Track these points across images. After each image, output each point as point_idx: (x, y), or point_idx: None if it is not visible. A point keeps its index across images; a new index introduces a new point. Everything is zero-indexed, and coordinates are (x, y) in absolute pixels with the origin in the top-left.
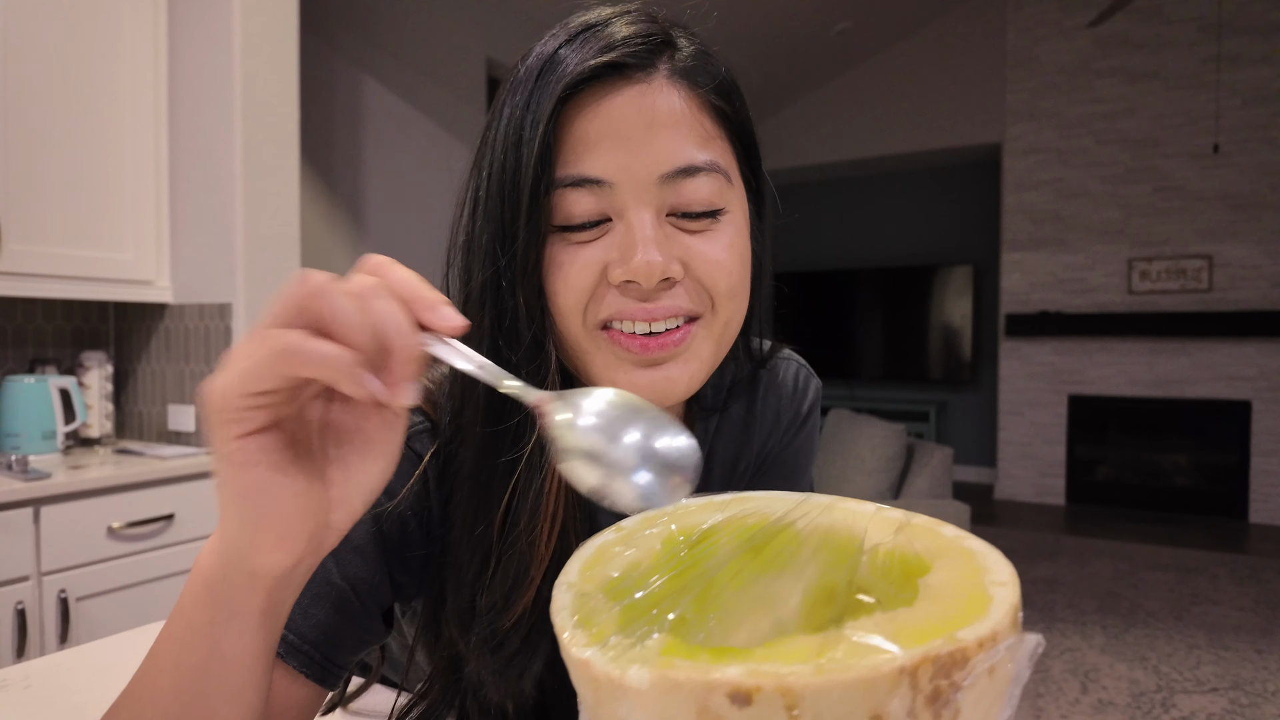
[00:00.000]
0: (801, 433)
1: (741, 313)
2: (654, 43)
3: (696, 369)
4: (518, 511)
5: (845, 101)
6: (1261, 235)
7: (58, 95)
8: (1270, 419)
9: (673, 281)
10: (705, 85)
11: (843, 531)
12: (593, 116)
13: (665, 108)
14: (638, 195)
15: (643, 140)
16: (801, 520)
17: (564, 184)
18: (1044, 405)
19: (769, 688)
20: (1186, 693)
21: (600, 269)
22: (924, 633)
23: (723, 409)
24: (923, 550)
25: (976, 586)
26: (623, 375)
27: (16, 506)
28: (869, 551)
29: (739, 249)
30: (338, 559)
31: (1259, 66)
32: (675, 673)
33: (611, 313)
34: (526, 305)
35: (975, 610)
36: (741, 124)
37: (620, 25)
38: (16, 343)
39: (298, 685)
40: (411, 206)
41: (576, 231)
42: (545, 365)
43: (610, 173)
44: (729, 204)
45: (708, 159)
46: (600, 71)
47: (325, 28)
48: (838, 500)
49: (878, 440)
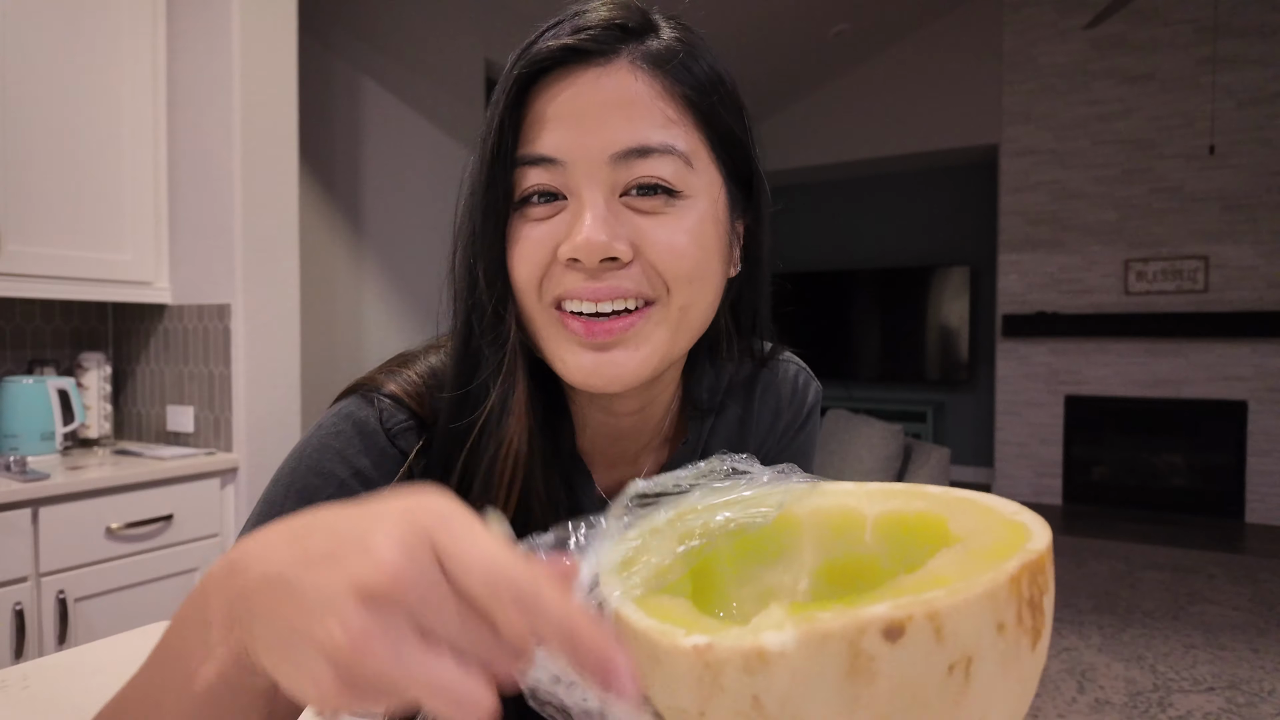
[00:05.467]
0: (800, 436)
1: (701, 301)
2: (619, 27)
3: (647, 354)
4: (475, 481)
5: (842, 103)
6: (1257, 236)
7: (57, 96)
8: (1266, 419)
9: (620, 263)
10: (671, 72)
11: (833, 511)
12: (550, 98)
13: (622, 89)
14: (589, 174)
15: (596, 120)
16: (786, 506)
17: (522, 162)
18: (1041, 405)
19: (919, 615)
20: (1183, 692)
21: (553, 245)
22: (995, 554)
23: (719, 410)
24: (923, 509)
25: (1000, 519)
26: (570, 356)
27: (15, 507)
28: (872, 522)
29: (699, 235)
30: None
31: (1254, 68)
32: (821, 624)
33: (561, 291)
34: (486, 279)
35: (1019, 533)
36: (715, 115)
37: (596, 12)
38: (15, 344)
39: None
40: (410, 207)
41: (534, 208)
42: (504, 335)
43: (563, 151)
44: (689, 189)
45: (663, 141)
46: (560, 55)
47: (324, 29)
48: (816, 485)
49: (875, 440)
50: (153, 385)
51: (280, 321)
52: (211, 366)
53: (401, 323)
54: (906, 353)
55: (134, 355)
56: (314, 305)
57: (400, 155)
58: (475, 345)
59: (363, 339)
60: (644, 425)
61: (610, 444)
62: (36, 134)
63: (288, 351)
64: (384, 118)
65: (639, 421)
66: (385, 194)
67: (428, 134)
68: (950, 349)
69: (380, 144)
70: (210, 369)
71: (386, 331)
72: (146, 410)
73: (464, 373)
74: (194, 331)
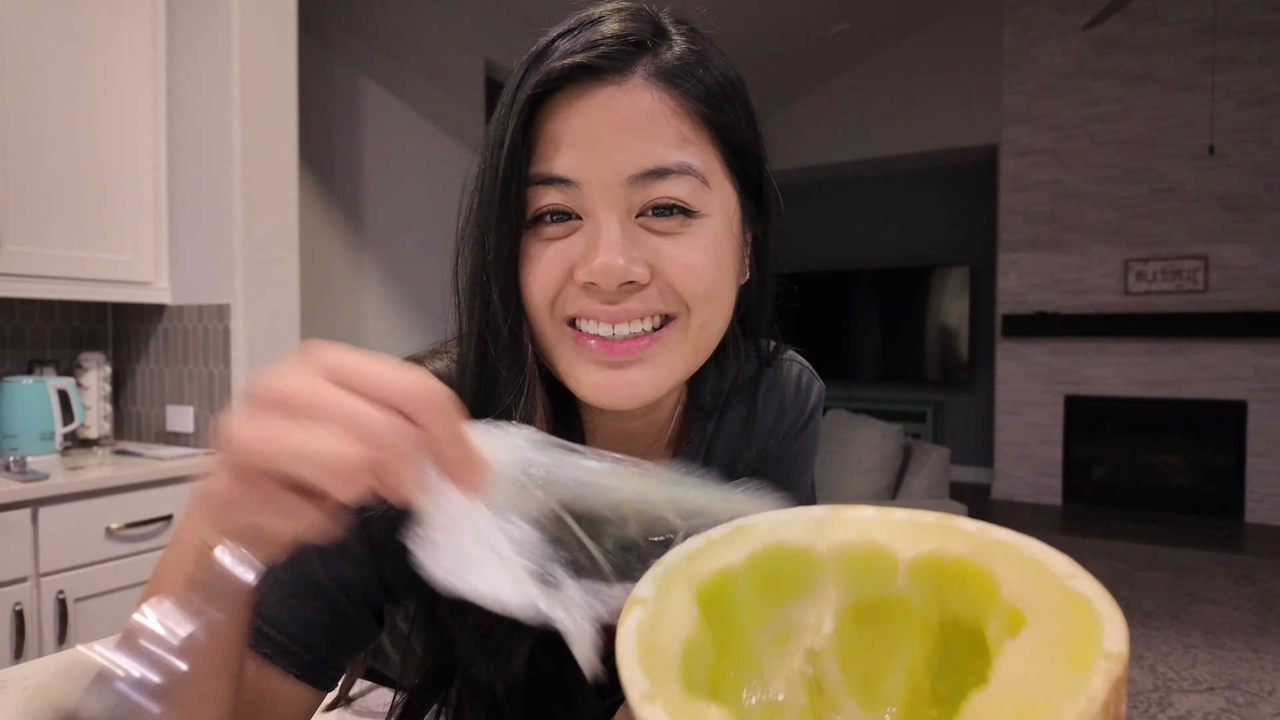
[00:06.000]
0: (803, 435)
1: (719, 318)
2: (633, 43)
3: (664, 374)
4: None
5: (842, 103)
6: (1257, 236)
7: (57, 96)
8: (1266, 419)
9: (637, 285)
10: (687, 88)
11: (861, 548)
12: (565, 117)
13: (637, 109)
14: (605, 196)
15: (611, 141)
16: (809, 541)
17: (534, 182)
18: (1040, 405)
19: None
20: (1183, 692)
21: (568, 266)
22: (1073, 659)
23: (723, 410)
24: (963, 555)
25: (1057, 586)
26: (584, 374)
27: (14, 507)
28: (906, 565)
29: (716, 254)
30: (326, 562)
31: (1254, 68)
32: None
33: (576, 311)
34: (501, 298)
35: (1090, 620)
36: (729, 129)
37: (608, 24)
38: (15, 344)
39: (289, 686)
40: (410, 208)
41: (548, 226)
42: (521, 359)
43: (578, 173)
44: (705, 208)
45: (679, 161)
46: (573, 73)
47: (324, 29)
48: (835, 510)
49: (875, 440)
50: (152, 385)
51: (280, 321)
52: (211, 366)
53: (401, 322)
54: (906, 353)
55: (134, 355)
56: (314, 305)
57: (400, 155)
58: (490, 369)
59: (362, 339)
60: (650, 428)
61: (616, 446)
62: (37, 134)
63: (288, 351)
64: (384, 118)
65: (645, 425)
66: (385, 194)
67: (427, 134)
68: (950, 349)
69: (380, 144)
70: (210, 369)
71: (386, 331)
72: (146, 410)
73: (480, 391)
74: (194, 331)
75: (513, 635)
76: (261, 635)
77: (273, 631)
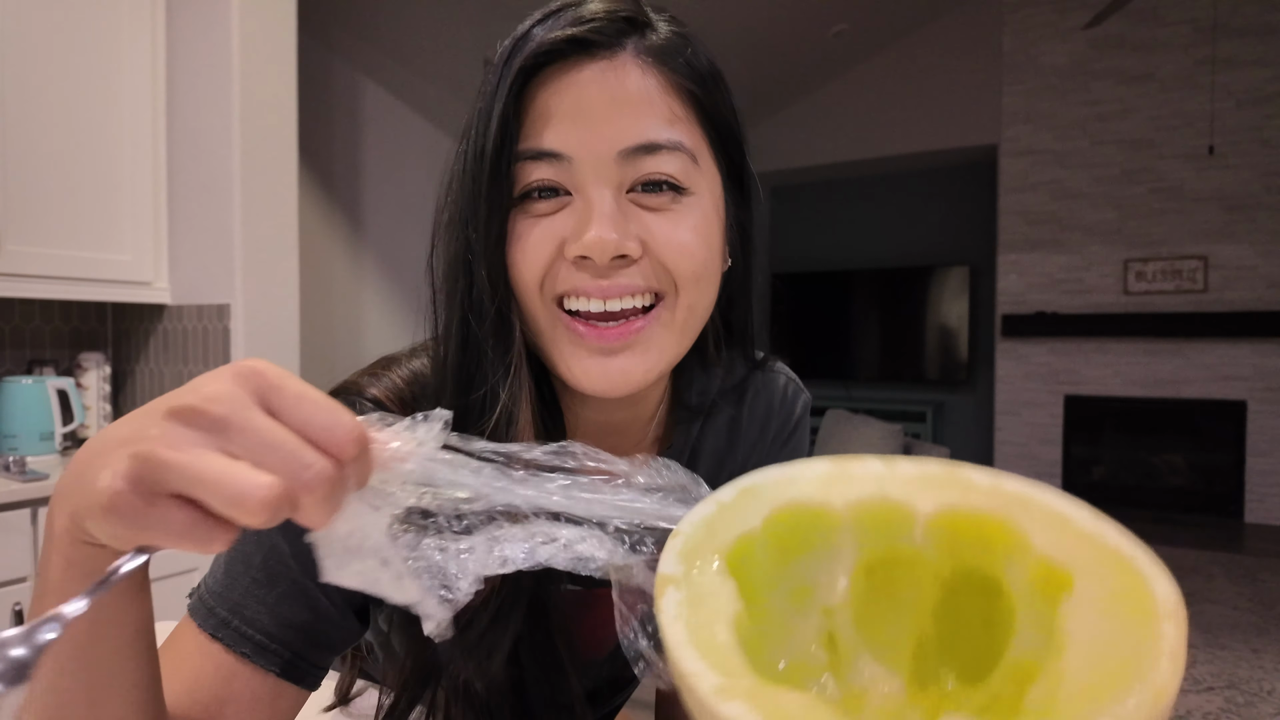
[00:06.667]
0: (788, 446)
1: (705, 300)
2: (621, 20)
3: (655, 359)
4: None
5: (842, 103)
6: (1256, 236)
7: (56, 97)
8: (1265, 419)
9: (629, 260)
10: (676, 66)
11: (875, 503)
12: (555, 91)
13: (629, 85)
14: (596, 171)
15: (604, 116)
16: (824, 499)
17: (524, 157)
18: (1040, 405)
19: None
20: (1183, 692)
21: (558, 243)
22: (1136, 651)
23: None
24: (981, 507)
25: (1089, 540)
26: (576, 362)
27: (14, 508)
28: (924, 520)
29: (704, 233)
30: (301, 563)
31: (1254, 68)
32: None
33: (567, 288)
34: (489, 277)
35: (1139, 587)
36: (716, 111)
37: (595, 3)
38: (14, 344)
39: (270, 684)
40: (409, 207)
41: (536, 204)
42: (509, 336)
43: (570, 147)
44: (695, 186)
45: (671, 138)
46: (564, 47)
47: (324, 29)
48: (840, 464)
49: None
50: (152, 385)
51: (280, 321)
52: (211, 366)
53: (401, 322)
54: (906, 353)
55: (133, 355)
56: (314, 305)
57: (400, 155)
58: (474, 348)
59: (362, 339)
60: (634, 422)
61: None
62: (36, 134)
63: (287, 351)
64: (383, 117)
65: (629, 418)
66: (385, 194)
67: (427, 133)
68: (950, 349)
69: (380, 143)
70: (210, 369)
71: (386, 331)
72: None
73: (463, 378)
74: (193, 331)
75: (490, 633)
76: (239, 635)
77: (251, 631)
